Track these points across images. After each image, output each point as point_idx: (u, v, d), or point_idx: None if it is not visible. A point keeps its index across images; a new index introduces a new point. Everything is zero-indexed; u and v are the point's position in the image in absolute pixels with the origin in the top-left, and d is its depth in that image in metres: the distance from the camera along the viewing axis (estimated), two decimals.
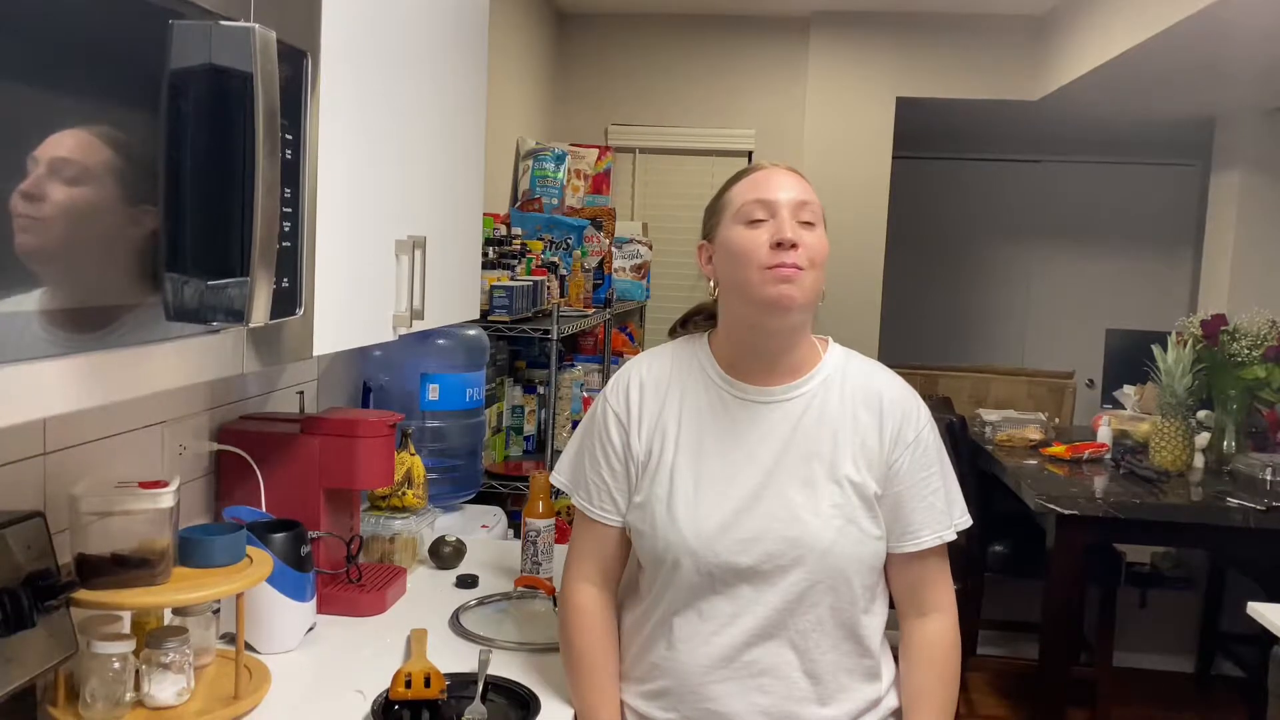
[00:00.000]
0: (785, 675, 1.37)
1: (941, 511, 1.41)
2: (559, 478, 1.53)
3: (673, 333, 1.56)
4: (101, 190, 0.85)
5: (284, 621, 1.60)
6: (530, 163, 3.84)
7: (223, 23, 0.97)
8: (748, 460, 1.38)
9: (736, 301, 1.39)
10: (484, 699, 1.47)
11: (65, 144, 0.81)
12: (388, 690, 1.44)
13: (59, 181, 0.80)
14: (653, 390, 1.45)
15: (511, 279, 2.79)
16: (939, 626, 1.44)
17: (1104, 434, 3.59)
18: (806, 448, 1.38)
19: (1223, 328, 3.32)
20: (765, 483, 1.37)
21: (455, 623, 1.77)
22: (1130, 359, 4.16)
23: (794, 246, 1.32)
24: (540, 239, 3.33)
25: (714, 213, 1.42)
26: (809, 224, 1.35)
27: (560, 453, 2.99)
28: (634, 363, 1.50)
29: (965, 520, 1.44)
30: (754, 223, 1.35)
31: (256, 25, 0.98)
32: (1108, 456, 3.50)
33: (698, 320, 1.53)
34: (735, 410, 1.41)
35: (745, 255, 1.34)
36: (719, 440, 1.40)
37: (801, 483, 1.37)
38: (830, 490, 1.36)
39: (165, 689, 1.33)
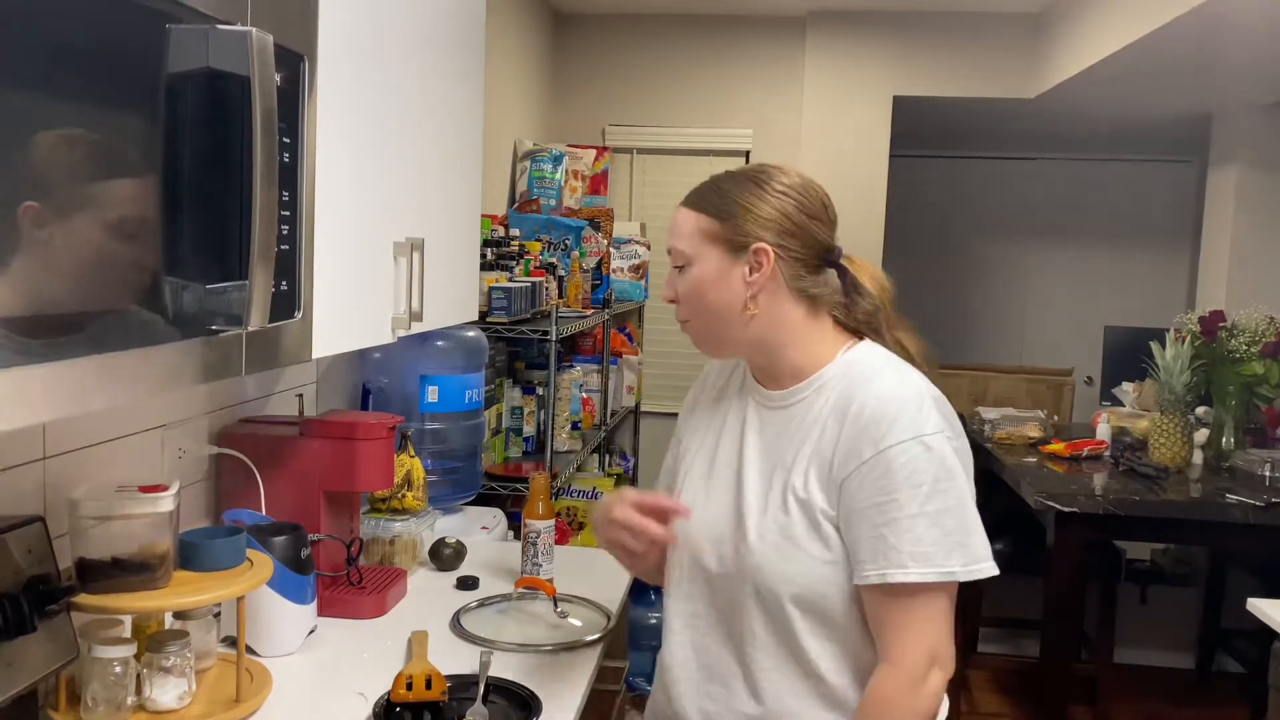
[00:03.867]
0: (730, 685, 1.34)
1: (891, 546, 1.20)
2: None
3: None
4: (99, 194, 0.85)
5: (285, 624, 1.61)
6: (528, 164, 3.84)
7: (220, 27, 0.97)
8: (737, 462, 1.37)
9: None
10: (485, 700, 1.47)
11: (63, 149, 0.81)
12: (389, 692, 1.44)
13: (57, 186, 0.80)
14: (705, 389, 1.50)
15: (510, 280, 2.79)
16: (879, 679, 1.24)
17: (1103, 431, 3.59)
18: (777, 456, 1.32)
19: (1221, 324, 3.33)
20: (739, 487, 1.34)
21: (456, 624, 1.77)
22: (1129, 356, 4.16)
23: (673, 301, 1.37)
24: (538, 240, 3.33)
25: None
26: (682, 268, 1.35)
27: (559, 454, 2.99)
28: (713, 360, 1.53)
29: (953, 569, 1.21)
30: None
31: (254, 29, 0.98)
32: (1107, 453, 3.50)
33: None
34: (749, 414, 1.39)
35: None
36: (728, 443, 1.40)
37: (762, 491, 1.32)
38: (777, 504, 1.29)
39: (167, 692, 1.33)
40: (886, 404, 1.24)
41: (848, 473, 1.24)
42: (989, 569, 1.24)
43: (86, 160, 0.84)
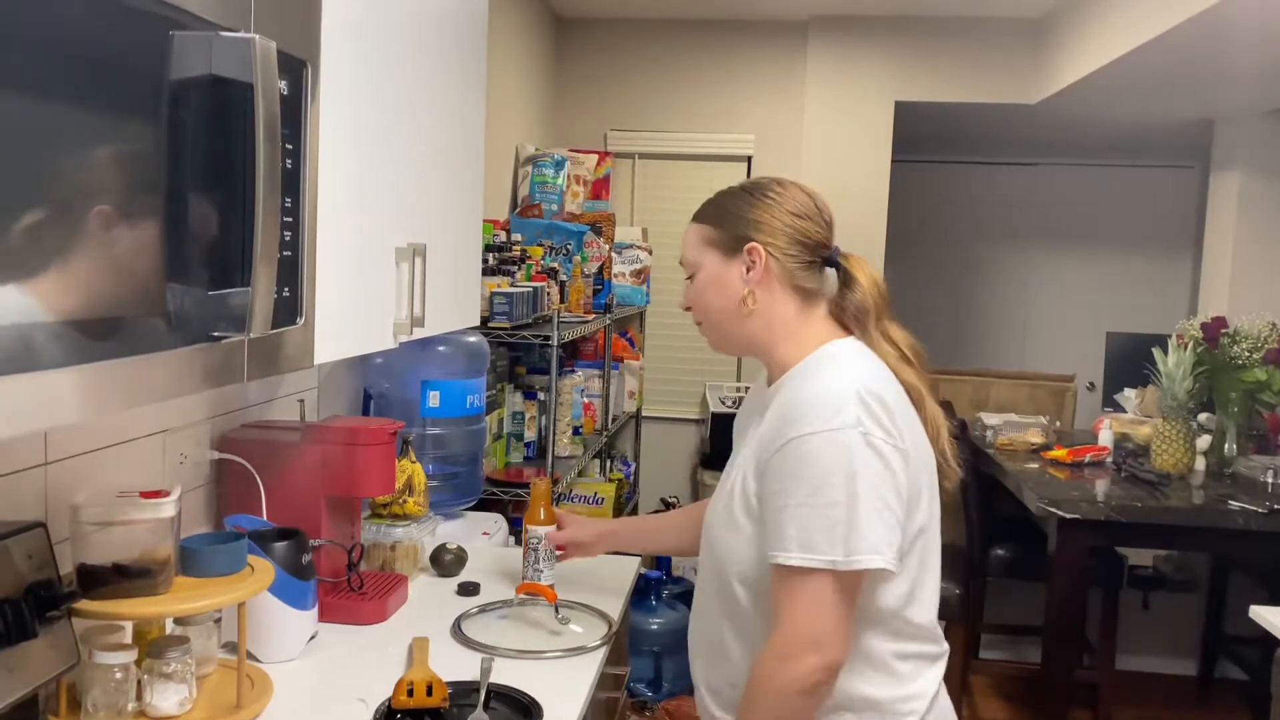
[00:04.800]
0: (715, 655, 1.44)
1: (783, 530, 1.27)
2: None
3: None
4: (102, 200, 0.85)
5: (286, 630, 1.60)
6: (530, 168, 3.84)
7: (223, 33, 0.97)
8: (734, 456, 1.50)
9: None
10: (486, 707, 1.47)
11: (64, 154, 0.81)
12: (390, 699, 1.44)
13: (59, 192, 0.80)
14: (751, 400, 1.59)
15: (511, 285, 2.79)
16: (759, 656, 1.31)
17: (1105, 437, 3.59)
18: (745, 446, 1.44)
19: (1223, 330, 3.32)
20: (724, 478, 1.48)
21: (457, 630, 1.77)
22: (1131, 362, 4.16)
23: (688, 309, 1.49)
24: (540, 245, 3.33)
25: None
26: (691, 277, 1.47)
27: (560, 459, 2.99)
28: None
29: (835, 558, 1.24)
30: None
31: (257, 36, 0.98)
32: (1109, 459, 3.50)
33: None
34: (757, 414, 1.49)
35: None
36: (741, 437, 1.52)
37: (730, 479, 1.44)
38: (729, 490, 1.41)
39: (167, 699, 1.33)
40: (807, 398, 1.31)
41: (765, 461, 1.32)
42: (873, 561, 1.25)
43: (89, 166, 0.84)
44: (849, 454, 1.25)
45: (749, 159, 4.47)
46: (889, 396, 1.31)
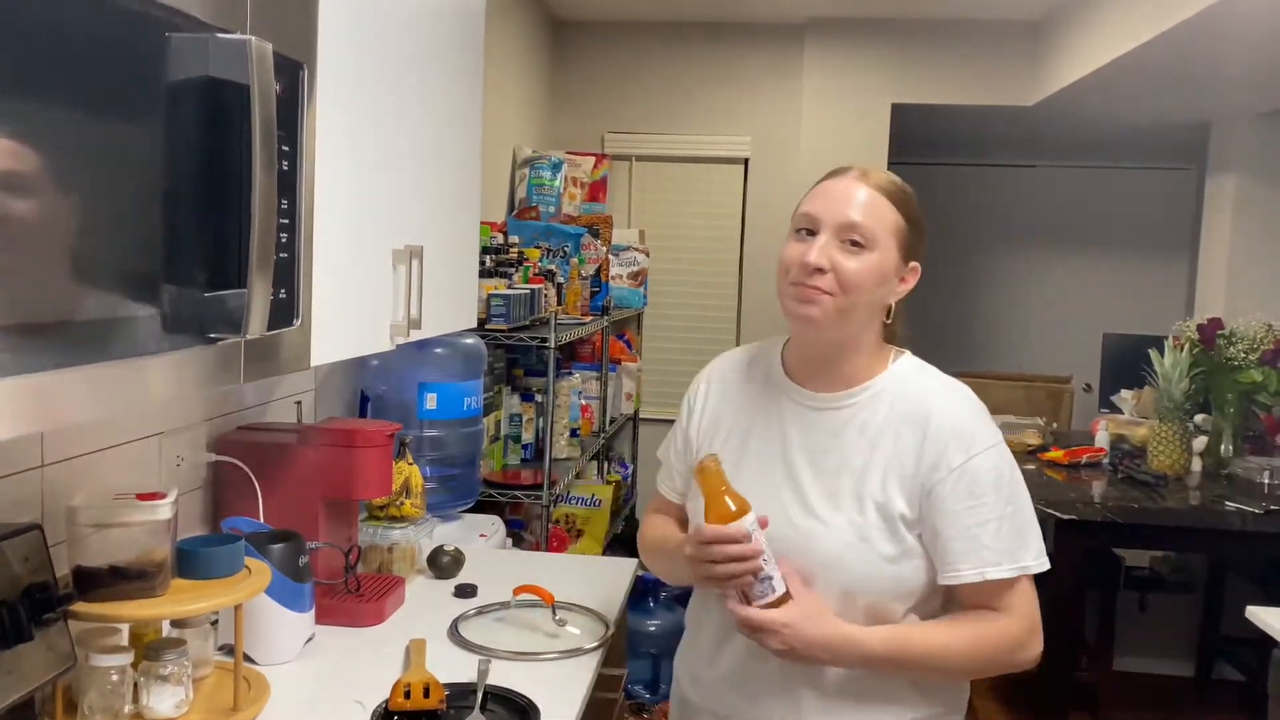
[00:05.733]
0: (786, 679, 1.38)
1: (985, 546, 1.31)
2: (661, 452, 1.62)
3: None
4: (99, 202, 0.85)
5: (282, 632, 1.60)
6: (527, 171, 3.85)
7: (220, 35, 0.97)
8: (782, 460, 1.41)
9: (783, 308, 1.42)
10: (483, 708, 1.47)
11: (63, 157, 0.81)
12: (387, 701, 1.44)
13: (58, 194, 0.80)
14: (720, 383, 1.53)
15: (509, 287, 2.79)
16: (1001, 621, 1.35)
17: (1102, 438, 3.59)
18: (840, 459, 1.37)
19: (1219, 332, 3.33)
20: (793, 485, 1.38)
21: (454, 632, 1.76)
22: (1127, 363, 4.16)
23: (819, 271, 1.32)
24: (537, 247, 3.33)
25: None
26: (857, 245, 1.33)
27: (558, 461, 2.99)
28: (719, 356, 1.60)
29: (1029, 563, 1.34)
30: (800, 233, 1.37)
31: (253, 37, 0.98)
32: (1106, 461, 3.50)
33: None
34: (786, 412, 1.43)
35: (782, 267, 1.38)
36: (763, 438, 1.43)
37: (826, 492, 1.36)
38: (850, 505, 1.35)
39: (164, 701, 1.33)
40: (963, 418, 1.36)
41: (937, 479, 1.32)
42: (1047, 561, 1.37)
43: (85, 168, 0.84)
44: (1013, 465, 1.37)
45: (746, 161, 4.47)
46: None
